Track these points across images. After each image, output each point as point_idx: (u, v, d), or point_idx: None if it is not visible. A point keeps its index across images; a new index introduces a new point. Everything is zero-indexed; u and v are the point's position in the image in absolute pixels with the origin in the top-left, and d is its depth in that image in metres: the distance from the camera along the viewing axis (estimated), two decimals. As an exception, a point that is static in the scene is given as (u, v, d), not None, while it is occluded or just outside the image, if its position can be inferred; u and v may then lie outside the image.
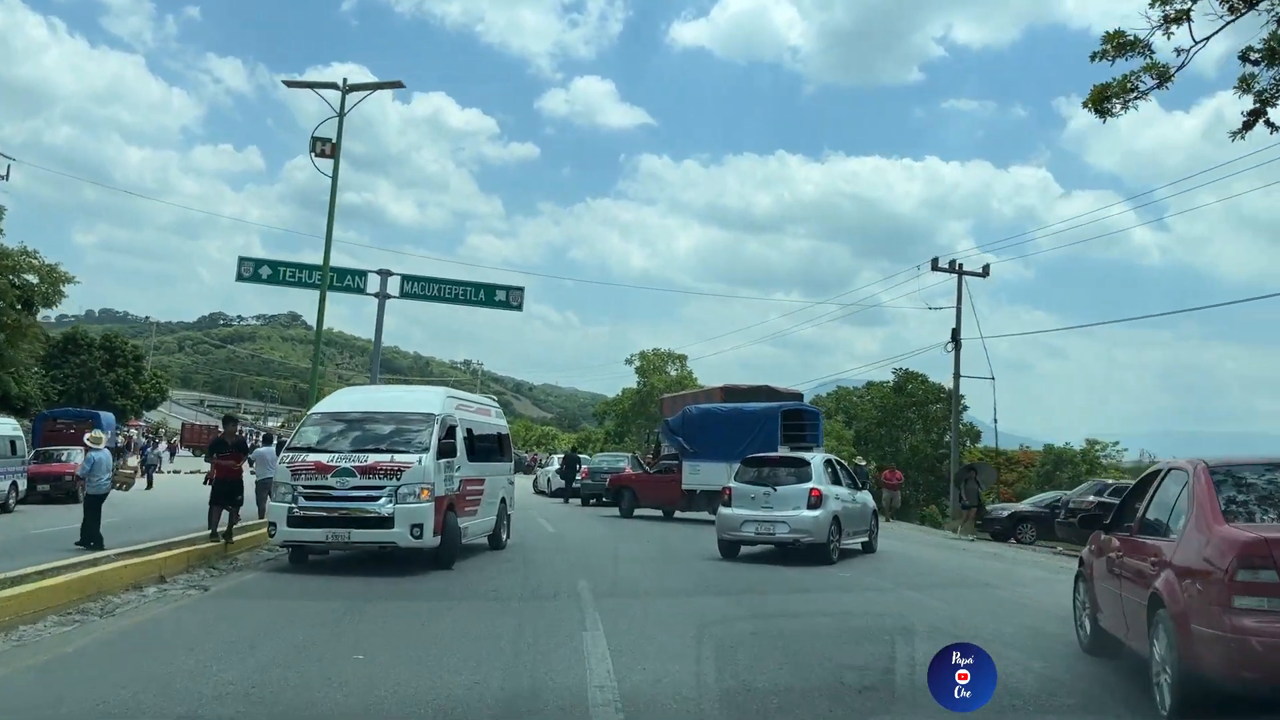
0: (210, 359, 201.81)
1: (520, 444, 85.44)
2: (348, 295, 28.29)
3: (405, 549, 12.42)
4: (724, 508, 15.61)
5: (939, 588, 12.80)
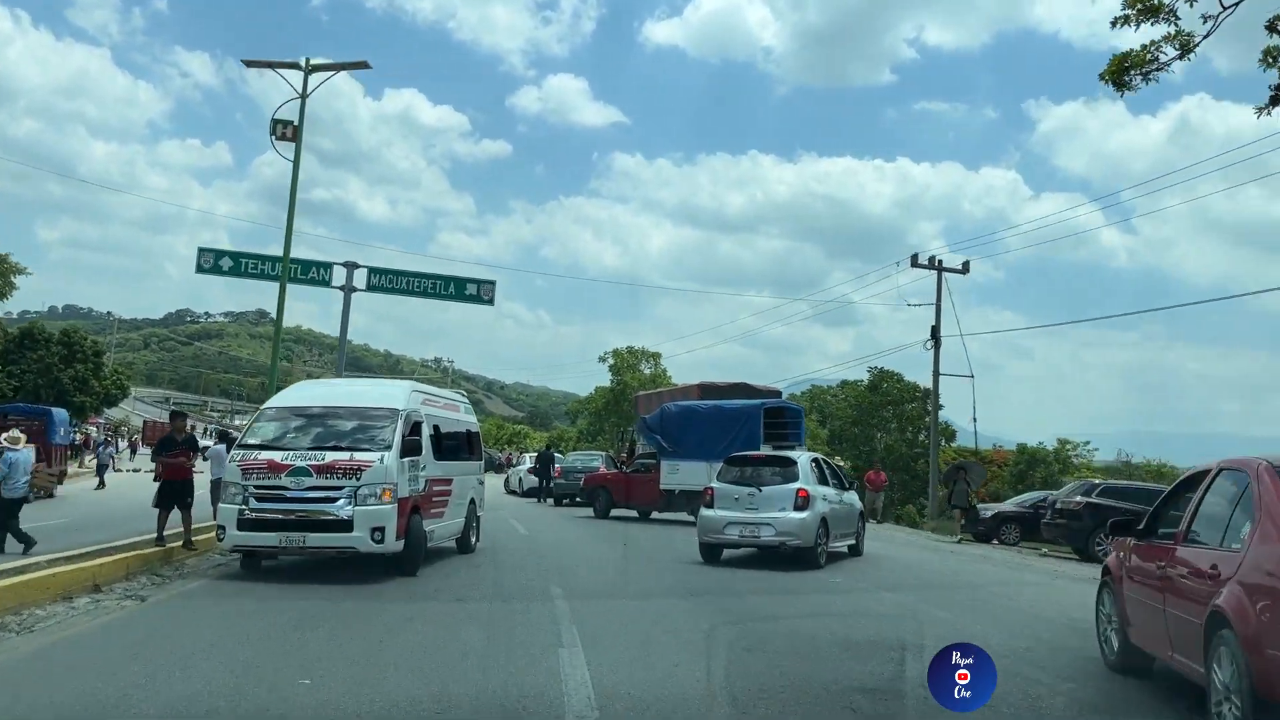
0: (176, 356, 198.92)
1: (491, 443, 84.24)
2: (317, 293, 27.68)
3: (365, 554, 11.52)
4: (706, 509, 14.81)
5: (936, 593, 12.07)
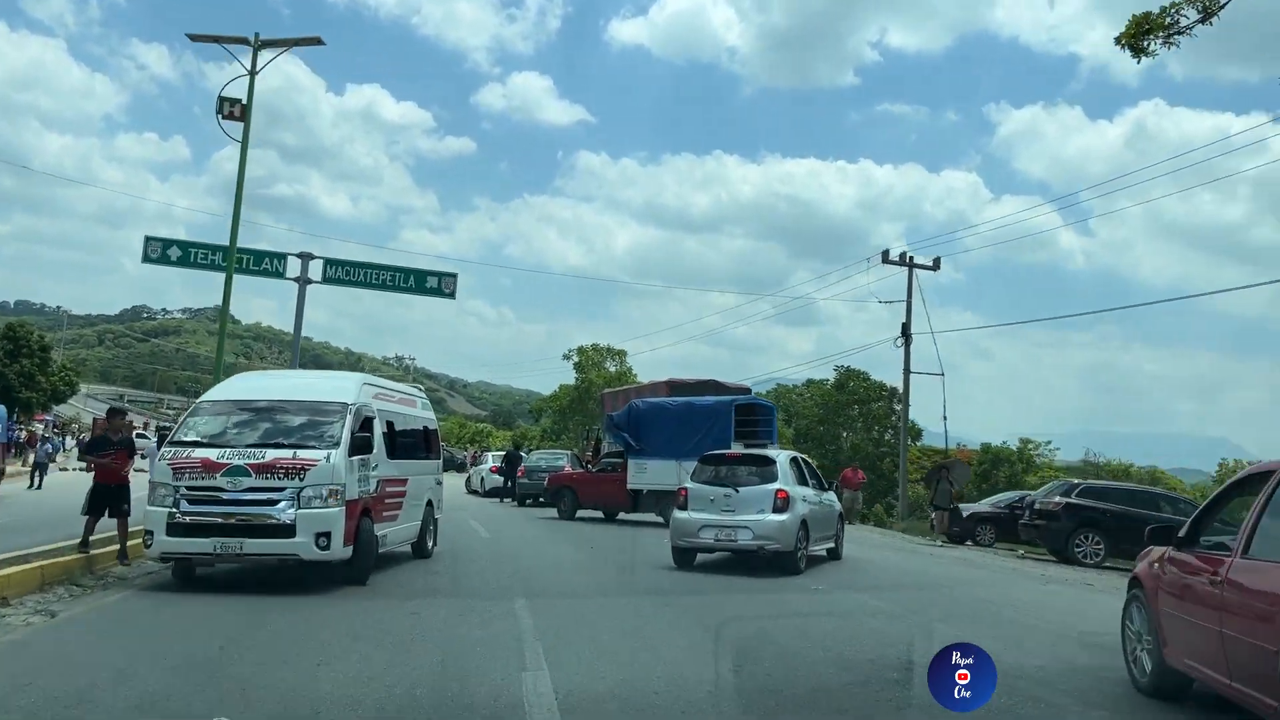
0: (132, 353, 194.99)
1: (453, 442, 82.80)
2: (277, 289, 26.57)
3: (309, 561, 10.50)
4: (679, 511, 13.93)
5: (928, 601, 11.26)
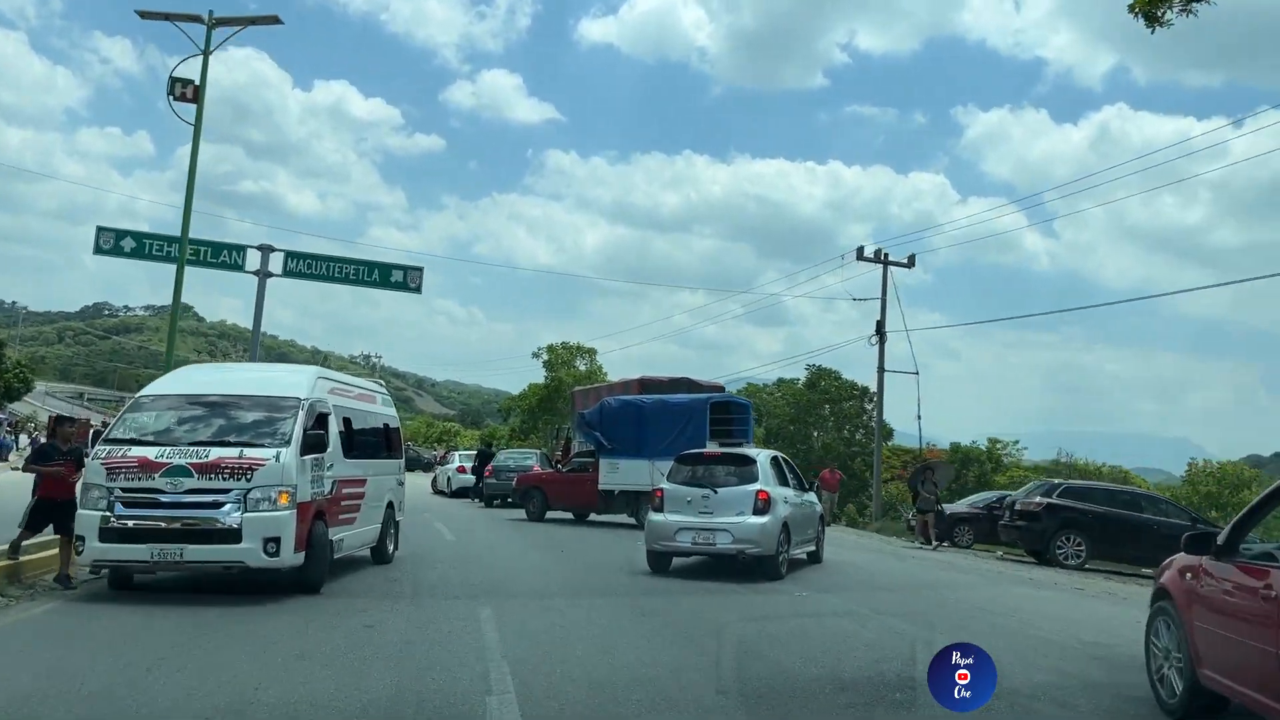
0: (93, 350, 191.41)
1: (421, 441, 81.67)
2: (243, 286, 25.38)
3: (257, 569, 9.71)
4: (655, 513, 13.23)
5: (918, 609, 10.63)
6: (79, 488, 10.02)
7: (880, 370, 34.87)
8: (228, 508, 9.53)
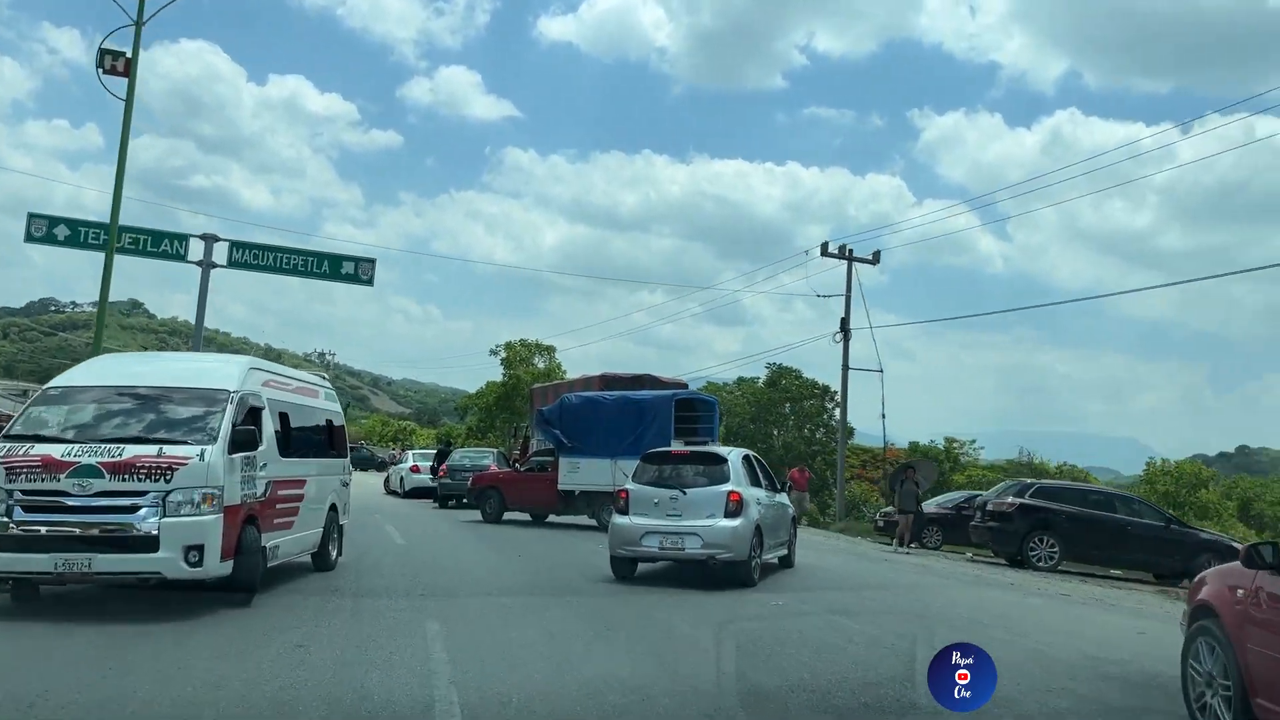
0: (38, 347, 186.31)
1: (376, 440, 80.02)
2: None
3: (177, 581, 8.71)
4: (619, 516, 12.37)
5: (907, 622, 9.85)
6: None
7: (845, 368, 34.32)
8: (144, 512, 8.51)
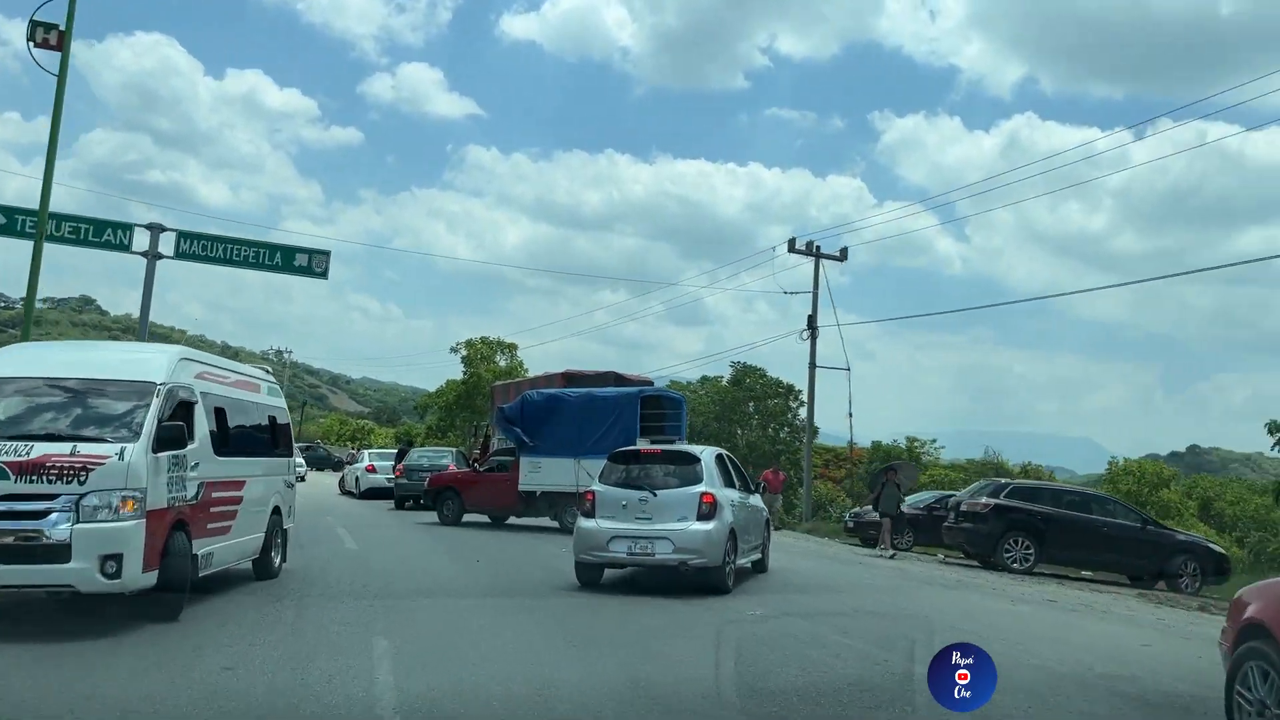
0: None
1: (334, 439, 78.54)
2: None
3: (93, 594, 7.81)
4: (585, 519, 11.59)
5: (897, 635, 9.16)
6: None
7: (812, 365, 33.80)
8: (54, 518, 7.60)
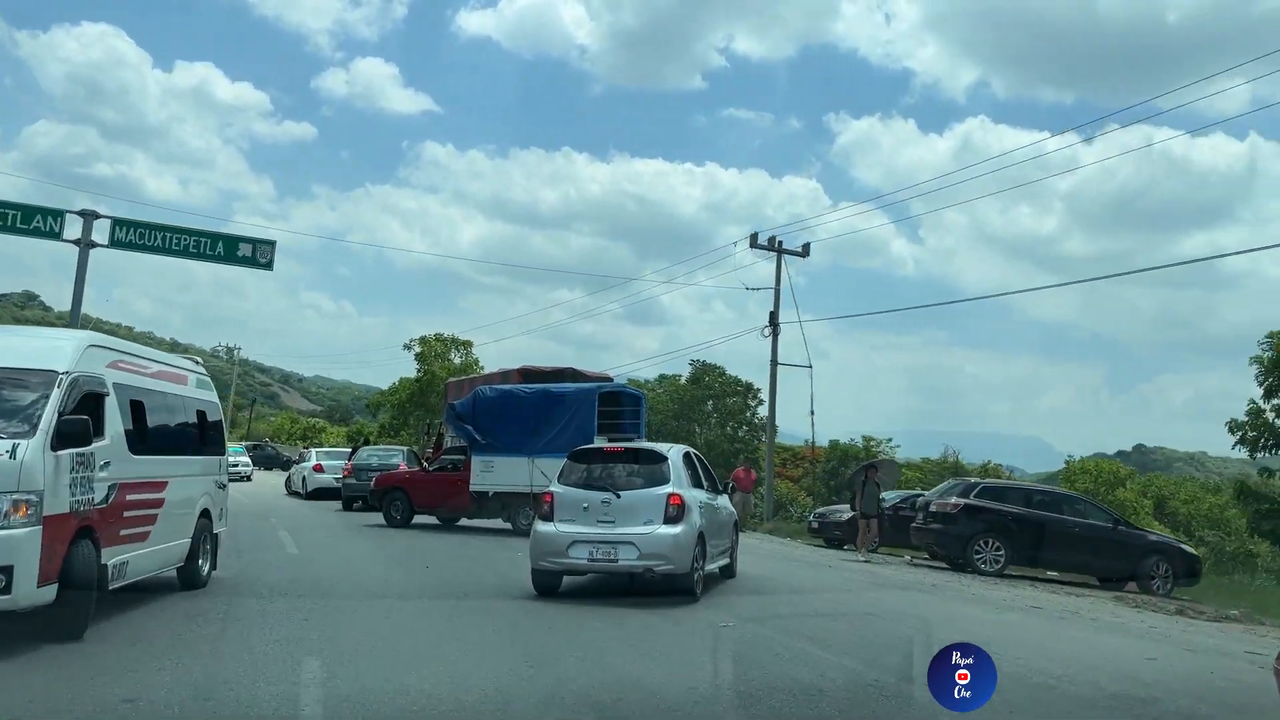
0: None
1: (284, 438, 76.74)
2: (98, 272, 21.50)
3: (-20, 612, 6.84)
4: (543, 523, 10.74)
5: (885, 650, 8.42)
6: None
7: (774, 362, 33.19)
8: (-68, 525, 6.64)
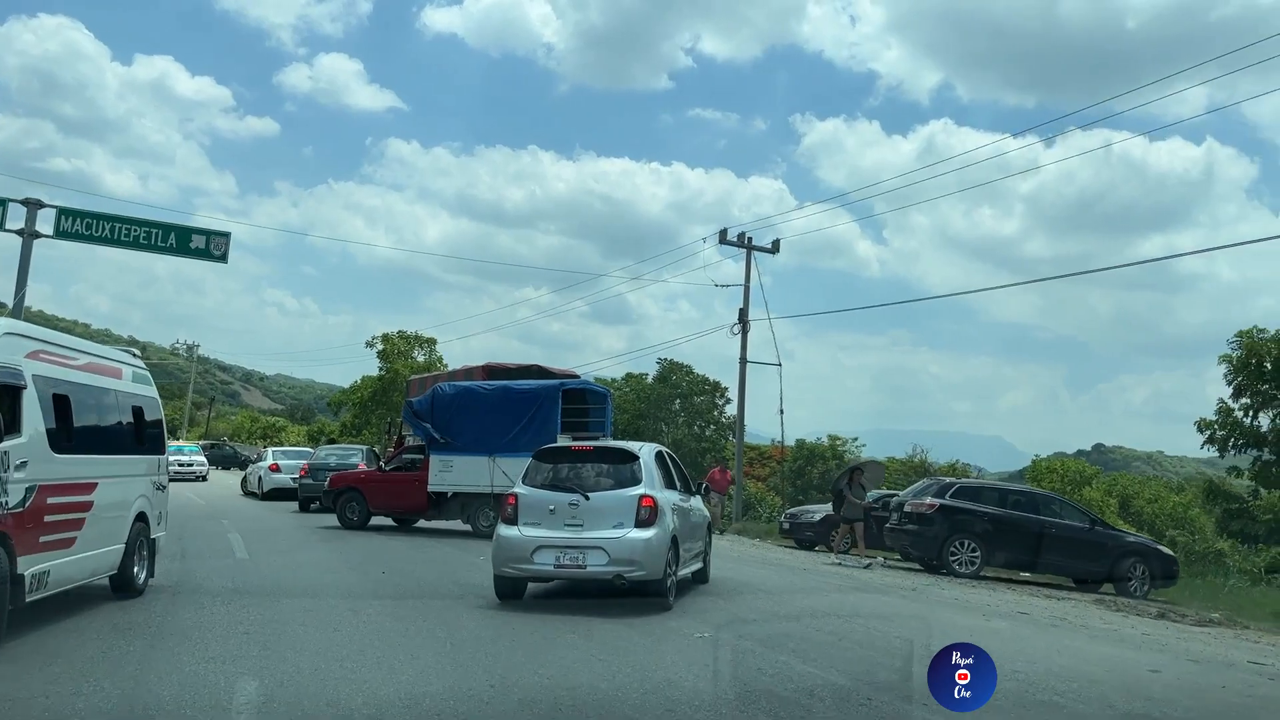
0: None
1: (244, 437, 75.29)
2: (52, 271, 20.59)
3: None
4: (506, 526, 10.10)
5: (875, 665, 7.87)
6: None
7: (743, 360, 32.78)
8: None
